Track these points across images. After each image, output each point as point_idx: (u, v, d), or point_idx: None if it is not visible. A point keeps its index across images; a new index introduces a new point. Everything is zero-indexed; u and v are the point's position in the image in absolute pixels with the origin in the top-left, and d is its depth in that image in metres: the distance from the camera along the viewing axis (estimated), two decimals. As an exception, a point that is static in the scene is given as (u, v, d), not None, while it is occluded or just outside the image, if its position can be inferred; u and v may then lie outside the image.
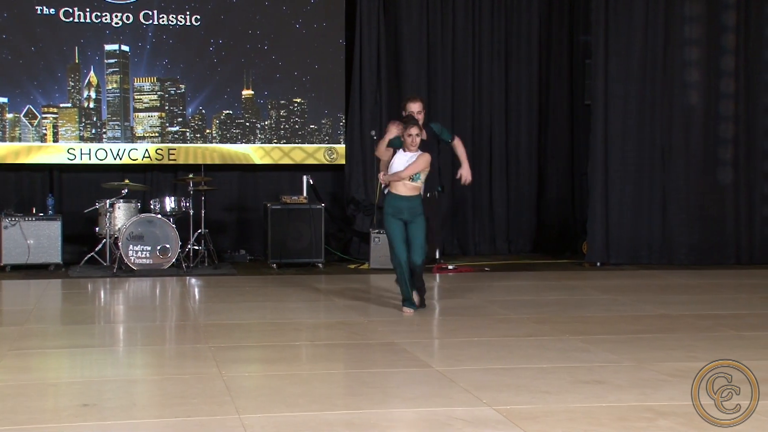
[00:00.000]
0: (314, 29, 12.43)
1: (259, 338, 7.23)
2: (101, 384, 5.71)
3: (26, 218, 11.13)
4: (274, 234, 11.56)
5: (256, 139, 12.40)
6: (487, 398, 5.25)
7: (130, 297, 9.66)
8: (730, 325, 7.72)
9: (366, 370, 6.04)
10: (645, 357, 6.40)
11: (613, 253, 11.98)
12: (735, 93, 12.21)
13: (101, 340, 7.45)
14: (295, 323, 7.88)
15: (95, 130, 12.02)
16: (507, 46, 13.02)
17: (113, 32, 11.97)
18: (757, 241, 12.32)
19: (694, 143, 12.17)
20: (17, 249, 11.06)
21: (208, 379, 5.75)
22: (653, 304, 8.87)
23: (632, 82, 12.05)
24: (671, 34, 12.11)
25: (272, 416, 4.91)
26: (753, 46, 12.26)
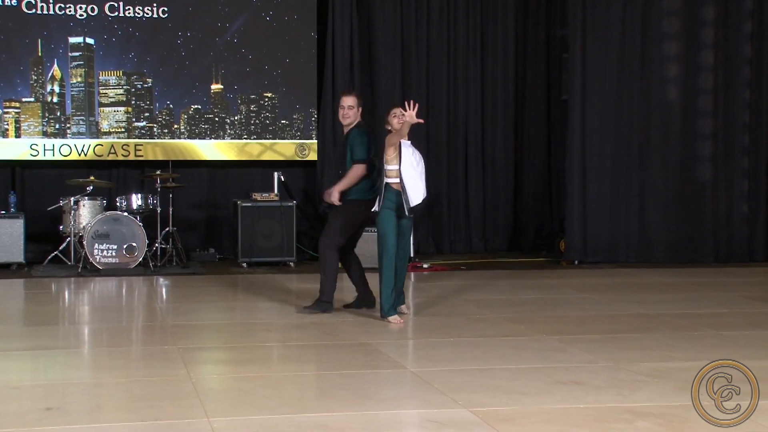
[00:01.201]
0: (285, 22, 12.40)
1: (228, 339, 7.21)
2: (65, 387, 5.67)
3: (-12, 216, 11.05)
4: (244, 232, 11.54)
5: (225, 135, 12.36)
6: (462, 400, 5.26)
7: (96, 297, 9.60)
8: (709, 324, 7.77)
9: (338, 372, 6.03)
10: (622, 357, 6.43)
11: (590, 251, 12.04)
12: (713, 88, 12.30)
13: (65, 342, 7.40)
14: (265, 324, 7.86)
15: (59, 126, 11.93)
16: (483, 41, 13.06)
17: (78, 24, 11.89)
18: (736, 238, 12.41)
19: (673, 139, 12.25)
20: (-22, 248, 10.98)
21: (176, 382, 5.72)
22: (631, 303, 8.91)
23: (610, 77, 12.12)
24: (649, 28, 12.18)
25: (242, 419, 4.89)
26: (732, 40, 12.35)
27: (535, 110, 13.39)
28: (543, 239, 13.30)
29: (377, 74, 12.74)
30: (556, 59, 13.27)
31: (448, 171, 13.00)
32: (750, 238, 12.46)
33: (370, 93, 12.66)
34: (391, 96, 12.65)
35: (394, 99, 12.64)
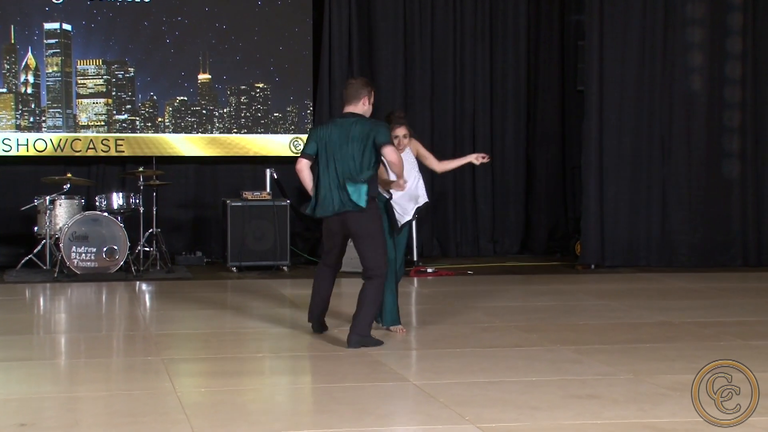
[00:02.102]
0: (278, 7, 12.41)
1: (216, 350, 7.21)
2: (40, 401, 5.67)
3: (-44, 216, 11.08)
4: (234, 234, 11.54)
5: (214, 129, 12.36)
6: (470, 415, 5.26)
7: (73, 304, 9.61)
8: (736, 333, 7.77)
9: (336, 385, 6.04)
10: (643, 369, 6.43)
11: (608, 254, 12.04)
12: (742, 78, 12.29)
13: (40, 353, 7.40)
14: (256, 333, 7.86)
15: (34, 119, 11.94)
16: (492, 26, 13.05)
17: (53, 9, 11.89)
18: (766, 240, 12.40)
19: (697, 133, 12.24)
20: (-54, 251, 11.01)
21: (160, 395, 5.72)
22: (652, 311, 8.91)
23: (629, 66, 12.12)
24: (672, 13, 12.18)
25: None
26: (761, 26, 12.34)
27: (549, 102, 13.39)
28: (557, 241, 13.30)
29: (377, 63, 12.74)
30: (571, 47, 13.26)
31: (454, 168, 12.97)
32: (781, 241, 12.47)
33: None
34: (392, 86, 12.68)
35: (395, 89, 12.71)
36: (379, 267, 7.10)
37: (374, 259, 7.11)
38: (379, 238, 7.16)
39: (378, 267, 7.10)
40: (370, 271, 7.11)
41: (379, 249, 7.13)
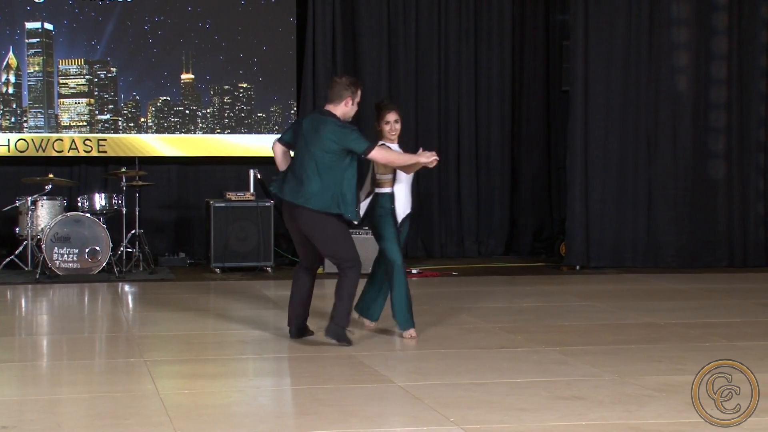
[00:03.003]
0: (262, 5, 12.40)
1: (200, 351, 7.20)
2: (22, 404, 5.66)
3: (-64, 217, 11.04)
4: (218, 235, 11.52)
5: (197, 129, 12.35)
6: (455, 417, 5.26)
7: (55, 306, 9.58)
8: (722, 334, 7.80)
9: (320, 386, 6.03)
10: (629, 370, 6.45)
11: (593, 255, 12.07)
12: (727, 78, 12.34)
13: (22, 355, 7.37)
14: (240, 335, 7.85)
15: (15, 119, 11.90)
16: (476, 26, 13.06)
17: (35, 8, 11.87)
18: (751, 241, 12.45)
19: (683, 133, 12.28)
20: (-74, 252, 10.96)
21: (143, 397, 5.71)
22: (638, 312, 8.93)
23: (615, 66, 12.15)
24: (658, 13, 12.22)
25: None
26: (747, 26, 12.39)
27: (534, 102, 13.41)
28: (542, 242, 13.32)
29: (361, 62, 12.73)
30: (556, 47, 13.28)
31: (438, 168, 12.89)
32: (766, 241, 12.51)
33: (355, 83, 12.65)
34: (376, 86, 12.66)
35: (379, 89, 12.69)
36: (347, 259, 7.14)
37: (340, 253, 7.16)
38: (339, 235, 7.14)
39: (347, 260, 7.15)
40: (342, 264, 7.15)
41: (341, 243, 7.15)
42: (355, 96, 7.22)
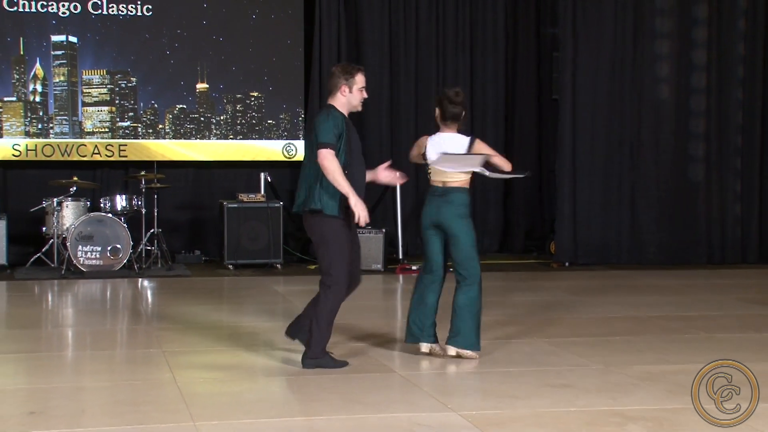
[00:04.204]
0: (272, 20, 12.40)
1: (214, 343, 7.20)
2: (48, 391, 5.67)
3: (-32, 218, 11.04)
4: (230, 234, 11.53)
5: (211, 135, 12.35)
6: (452, 404, 5.27)
7: (79, 300, 9.59)
8: (701, 327, 7.80)
9: (326, 375, 6.04)
10: (614, 360, 6.46)
11: (581, 252, 12.07)
12: (706, 87, 12.35)
13: (48, 345, 7.39)
14: (252, 327, 7.86)
15: (42, 125, 11.91)
16: (472, 38, 13.06)
17: (60, 22, 11.87)
18: (729, 240, 12.46)
19: (665, 139, 12.29)
20: (-41, 250, 10.97)
21: (161, 386, 5.72)
22: (622, 306, 8.94)
23: (601, 76, 12.15)
24: (641, 26, 12.22)
25: (229, 423, 4.90)
26: (725, 39, 12.39)
27: (525, 109, 13.41)
28: (533, 241, 13.32)
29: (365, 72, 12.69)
30: (547, 57, 13.30)
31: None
32: (743, 240, 12.51)
33: (359, 92, 12.66)
34: (378, 94, 12.66)
35: (381, 97, 12.70)
36: (327, 275, 6.08)
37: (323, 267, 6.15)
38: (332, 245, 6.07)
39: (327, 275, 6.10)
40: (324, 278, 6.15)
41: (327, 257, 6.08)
42: (352, 82, 6.25)
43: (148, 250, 11.29)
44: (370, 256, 11.38)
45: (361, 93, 6.32)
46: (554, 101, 12.72)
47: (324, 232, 6.10)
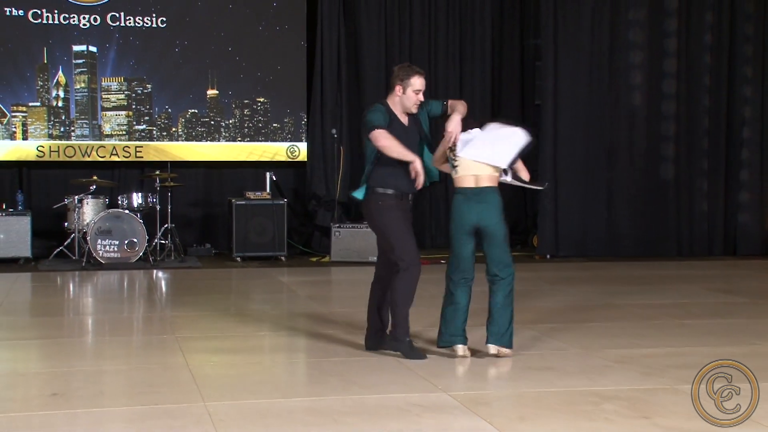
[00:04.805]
0: (276, 31, 12.38)
1: (223, 329, 7.19)
2: (70, 374, 5.65)
3: (-4, 214, 11.02)
4: (238, 228, 11.52)
5: (221, 137, 12.33)
6: (442, 385, 5.26)
7: (98, 290, 9.57)
8: (672, 314, 7.80)
9: (327, 359, 6.03)
10: (592, 345, 6.45)
11: (562, 246, 12.08)
12: (676, 94, 12.36)
13: (70, 332, 7.37)
14: (258, 314, 7.84)
15: (64, 129, 11.88)
16: (461, 50, 13.06)
17: (81, 33, 11.85)
18: (697, 234, 12.48)
19: (638, 141, 12.30)
20: (-12, 243, 10.95)
21: (174, 369, 5.71)
22: (599, 295, 8.93)
23: (580, 84, 12.16)
24: (617, 38, 12.23)
25: (237, 403, 4.89)
26: (693, 50, 12.41)
27: (510, 114, 13.35)
28: (518, 235, 13.30)
29: (363, 80, 12.72)
30: (530, 67, 13.29)
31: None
32: (709, 234, 12.53)
33: (357, 98, 12.67)
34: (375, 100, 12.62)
35: (378, 104, 12.67)
36: (399, 259, 5.87)
37: (391, 252, 5.95)
38: (386, 230, 5.96)
39: (399, 259, 5.88)
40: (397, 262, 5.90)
41: (389, 241, 5.95)
42: (407, 83, 6.03)
43: (162, 244, 11.27)
44: (366, 249, 11.37)
45: (416, 95, 6.08)
46: (537, 106, 12.71)
47: (381, 217, 5.98)
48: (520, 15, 13.37)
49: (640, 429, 4.46)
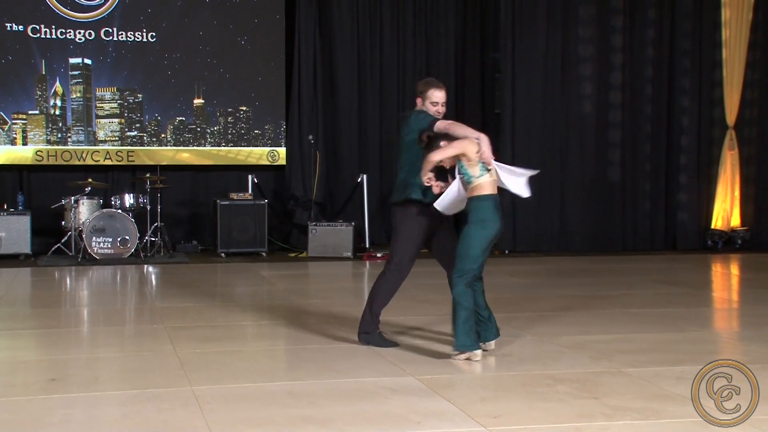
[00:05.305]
0: (258, 46, 12.34)
1: (209, 319, 7.16)
2: (67, 361, 5.60)
3: (-2, 213, 10.92)
4: (223, 226, 11.47)
5: (206, 143, 12.27)
6: (410, 370, 5.26)
7: (94, 283, 9.50)
8: (619, 303, 7.85)
9: (304, 347, 6.02)
10: (546, 332, 6.48)
11: (519, 242, 12.13)
12: (621, 103, 12.44)
13: (67, 322, 7.31)
14: (241, 305, 7.82)
15: (61, 135, 11.78)
16: (428, 63, 13.07)
17: (77, 47, 11.75)
18: (640, 231, 12.58)
19: (588, 147, 12.37)
20: (-10, 241, 10.85)
21: (163, 356, 5.68)
22: (553, 286, 8.98)
23: (535, 94, 12.21)
24: (568, 52, 12.30)
25: (221, 387, 4.87)
26: (636, 63, 12.51)
27: (473, 122, 13.22)
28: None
29: (337, 91, 12.71)
30: (490, 79, 13.31)
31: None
32: (651, 231, 12.64)
33: (331, 107, 12.66)
34: (349, 109, 12.67)
35: (351, 111, 12.69)
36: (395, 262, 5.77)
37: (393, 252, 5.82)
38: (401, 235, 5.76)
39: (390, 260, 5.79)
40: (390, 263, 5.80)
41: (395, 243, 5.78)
42: (425, 96, 5.90)
43: (152, 241, 11.20)
44: (341, 245, 11.38)
45: (434, 107, 5.84)
46: (497, 115, 12.74)
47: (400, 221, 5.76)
48: (480, 31, 13.39)
49: (589, 408, 4.49)
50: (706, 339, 6.37)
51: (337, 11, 12.66)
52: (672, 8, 12.56)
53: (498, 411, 4.44)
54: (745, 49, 12.63)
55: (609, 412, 4.42)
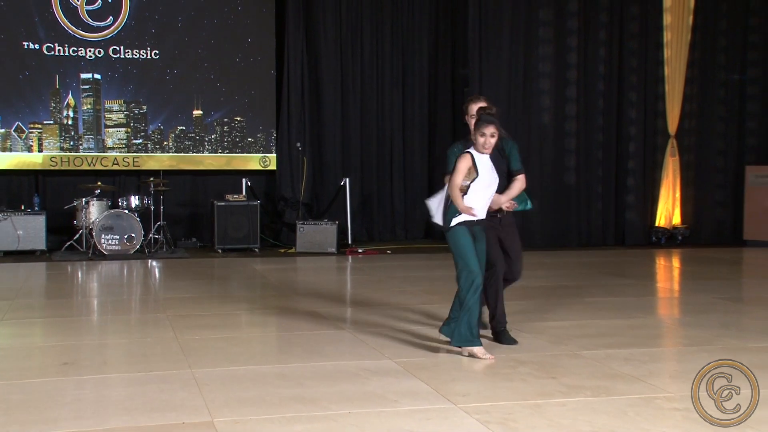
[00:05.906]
0: (251, 63, 12.30)
1: (207, 308, 7.13)
2: (78, 347, 5.56)
3: (16, 213, 10.83)
4: (219, 225, 11.42)
5: (204, 150, 12.21)
6: (388, 353, 5.26)
7: (102, 276, 9.43)
8: (574, 293, 7.88)
9: (293, 333, 6.01)
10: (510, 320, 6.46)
11: (485, 238, 12.13)
12: (576, 115, 12.50)
13: (78, 311, 7.26)
14: (236, 296, 7.79)
15: (73, 142, 11.69)
16: (403, 78, 13.09)
17: (87, 64, 11.67)
18: (593, 228, 12.64)
19: (547, 153, 12.42)
20: (9, 238, 10.73)
21: (166, 342, 5.64)
22: (516, 278, 8.98)
23: (500, 106, 12.18)
24: (529, 69, 12.34)
25: (218, 370, 4.84)
26: (590, 80, 12.57)
27: (444, 131, 13.45)
28: (449, 230, 13.35)
29: (323, 103, 12.69)
30: (460, 92, 13.34)
31: (377, 177, 13.01)
32: (603, 228, 12.70)
33: (317, 117, 12.63)
34: (333, 119, 12.65)
35: (335, 122, 12.66)
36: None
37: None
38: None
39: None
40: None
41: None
42: (466, 110, 5.84)
43: (155, 238, 11.14)
44: (326, 242, 11.36)
45: (472, 120, 5.64)
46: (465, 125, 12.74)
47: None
48: (451, 50, 13.42)
49: (548, 387, 4.50)
50: (651, 324, 6.41)
51: (322, 32, 12.64)
52: (621, 30, 12.65)
53: (467, 390, 4.44)
54: (685, 66, 12.73)
55: (566, 390, 4.43)
